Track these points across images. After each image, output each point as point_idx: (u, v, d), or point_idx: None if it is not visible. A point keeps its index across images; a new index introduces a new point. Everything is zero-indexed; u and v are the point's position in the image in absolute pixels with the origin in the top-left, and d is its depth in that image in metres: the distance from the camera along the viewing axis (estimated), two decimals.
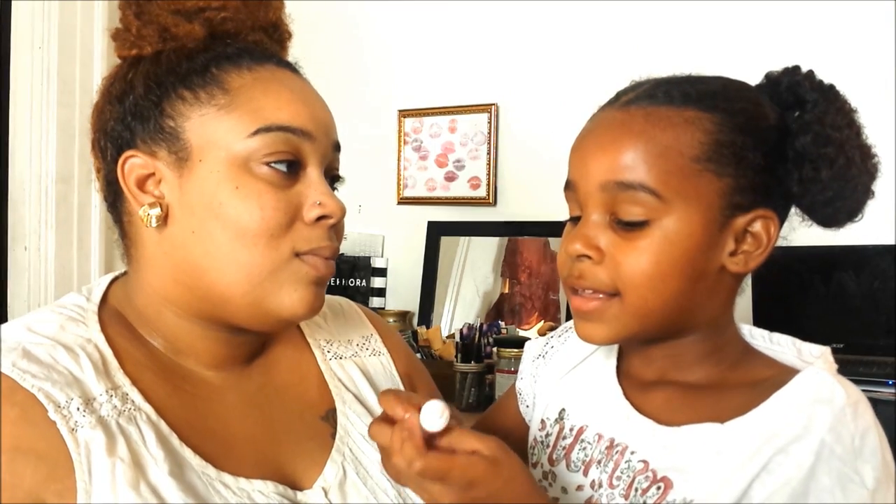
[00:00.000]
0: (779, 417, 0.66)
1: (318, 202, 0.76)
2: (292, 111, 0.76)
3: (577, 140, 0.74)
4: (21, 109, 2.17)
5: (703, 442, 0.69)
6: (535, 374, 0.89)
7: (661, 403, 0.75)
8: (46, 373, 0.68)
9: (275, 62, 0.79)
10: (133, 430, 0.69)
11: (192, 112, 0.75)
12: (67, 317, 0.76)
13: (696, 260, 0.70)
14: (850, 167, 0.71)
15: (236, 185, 0.73)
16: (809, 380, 0.68)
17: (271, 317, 0.76)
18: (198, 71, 0.76)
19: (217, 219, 0.73)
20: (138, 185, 0.76)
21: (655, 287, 0.70)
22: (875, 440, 0.64)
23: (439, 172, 2.53)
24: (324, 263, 0.77)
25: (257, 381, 0.82)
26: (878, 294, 1.80)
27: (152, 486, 0.66)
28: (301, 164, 0.76)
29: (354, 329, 0.94)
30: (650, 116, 0.70)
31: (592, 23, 2.27)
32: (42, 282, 2.16)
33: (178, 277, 0.76)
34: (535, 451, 0.83)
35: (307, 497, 0.76)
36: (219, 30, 0.78)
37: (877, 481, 0.62)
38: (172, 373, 0.77)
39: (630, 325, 0.72)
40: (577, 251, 0.71)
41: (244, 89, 0.75)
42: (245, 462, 0.74)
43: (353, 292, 2.49)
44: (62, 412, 0.66)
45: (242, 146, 0.74)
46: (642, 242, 0.69)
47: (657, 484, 0.70)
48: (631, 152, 0.69)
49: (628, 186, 0.69)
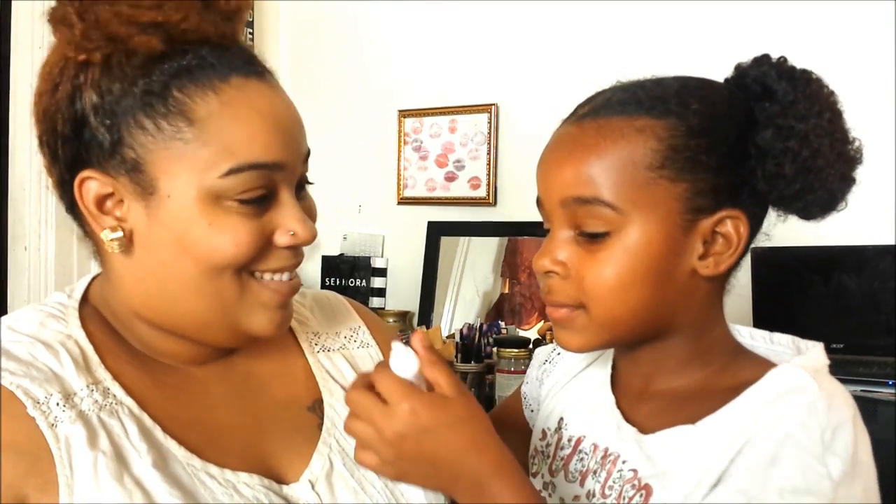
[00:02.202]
0: (748, 413, 0.66)
1: (291, 231, 0.75)
2: (264, 144, 0.72)
3: (540, 158, 0.75)
4: (21, 109, 2.17)
5: (678, 445, 0.69)
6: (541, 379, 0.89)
7: (649, 412, 0.75)
8: (25, 370, 0.69)
9: (241, 73, 0.73)
10: (115, 424, 0.69)
11: (156, 146, 0.70)
12: (48, 314, 0.76)
13: (660, 267, 0.70)
14: (817, 158, 0.69)
15: (209, 222, 0.71)
16: (781, 374, 0.68)
17: (247, 336, 0.77)
18: (157, 92, 0.70)
19: (188, 254, 0.72)
20: (97, 204, 0.73)
21: (618, 297, 0.70)
22: (848, 436, 0.63)
23: (439, 172, 2.53)
24: (287, 286, 0.77)
25: (241, 372, 0.82)
26: (878, 294, 1.79)
27: (136, 478, 0.67)
28: (274, 191, 0.75)
29: (342, 322, 0.94)
30: (602, 129, 0.71)
31: (592, 23, 2.27)
32: (42, 282, 2.16)
33: (150, 302, 0.75)
34: (536, 460, 0.83)
35: (293, 490, 0.76)
36: (178, 39, 0.72)
37: (843, 474, 0.62)
38: (153, 367, 0.77)
39: (601, 334, 0.73)
40: (544, 268, 0.73)
41: (212, 120, 0.71)
42: (230, 453, 0.74)
43: (353, 292, 2.49)
44: (41, 408, 0.67)
45: (214, 184, 0.71)
46: (603, 254, 0.70)
47: (640, 491, 0.70)
48: (584, 167, 0.70)
49: (585, 201, 0.70)
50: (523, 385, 0.92)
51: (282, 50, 2.80)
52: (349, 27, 2.67)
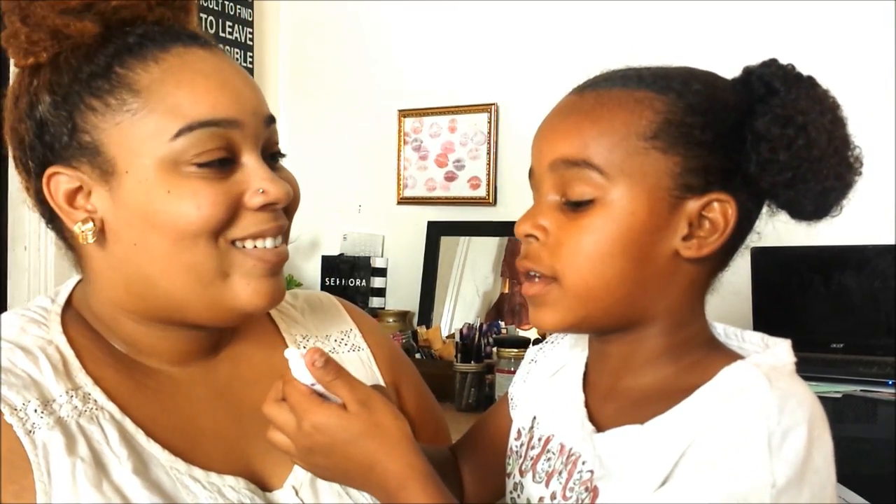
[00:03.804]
0: (695, 413, 0.64)
1: (260, 189, 0.72)
2: (211, 101, 0.71)
3: (538, 127, 0.75)
4: None
5: (625, 445, 0.67)
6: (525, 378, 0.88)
7: (612, 411, 0.72)
8: (3, 376, 0.68)
9: (181, 42, 0.74)
10: (95, 430, 0.69)
11: (106, 123, 0.71)
12: (29, 319, 0.75)
13: (641, 240, 0.68)
14: (812, 149, 0.68)
15: (168, 189, 0.70)
16: (732, 373, 0.65)
17: (234, 312, 0.74)
18: (101, 73, 0.71)
19: (155, 227, 0.71)
20: (67, 200, 0.73)
21: (595, 267, 0.68)
22: (800, 441, 0.60)
23: (439, 172, 2.53)
24: (272, 253, 0.74)
25: (225, 375, 0.81)
26: (878, 294, 1.79)
27: (115, 485, 0.66)
28: (235, 153, 0.73)
29: (333, 324, 0.92)
30: (601, 97, 0.71)
31: (592, 23, 2.27)
32: (42, 282, 2.17)
33: (131, 289, 0.75)
34: (510, 460, 0.81)
35: (277, 497, 0.75)
36: (113, 20, 0.73)
37: (788, 481, 0.59)
38: (136, 370, 0.76)
39: (575, 309, 0.70)
40: (524, 231, 0.71)
41: (155, 86, 0.71)
42: (214, 456, 0.74)
43: (353, 292, 2.49)
44: (18, 415, 0.66)
45: (167, 150, 0.70)
46: (584, 221, 0.68)
47: (589, 493, 0.68)
48: (577, 130, 0.70)
49: (573, 163, 0.69)
50: (511, 386, 0.92)
51: (282, 50, 2.80)
52: (349, 27, 2.68)
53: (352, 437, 0.68)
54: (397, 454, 0.68)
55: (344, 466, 0.69)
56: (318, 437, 0.68)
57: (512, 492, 0.79)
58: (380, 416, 0.69)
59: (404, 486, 0.67)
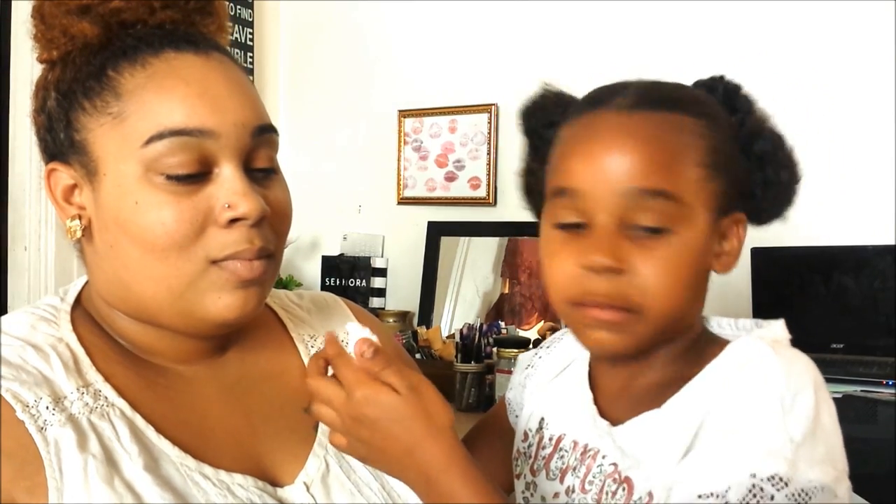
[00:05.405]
0: (708, 386, 0.67)
1: (226, 204, 0.71)
2: (187, 110, 0.70)
3: (579, 145, 0.71)
4: (21, 110, 2.17)
5: (646, 431, 0.70)
6: (524, 383, 0.89)
7: (625, 407, 0.74)
8: (15, 373, 0.69)
9: (174, 47, 0.72)
10: (106, 427, 0.69)
11: (93, 124, 0.72)
12: (39, 317, 0.76)
13: (703, 264, 0.71)
14: (797, 168, 0.74)
15: (135, 200, 0.70)
16: (739, 347, 0.68)
17: (206, 323, 0.74)
18: (95, 75, 0.72)
19: (125, 234, 0.71)
20: (64, 196, 0.75)
21: (679, 297, 0.69)
22: (809, 400, 0.63)
23: (439, 172, 2.53)
24: (247, 266, 0.72)
25: (234, 373, 0.81)
26: (878, 294, 1.79)
27: (127, 481, 0.66)
28: (209, 165, 0.71)
29: (339, 324, 0.91)
30: (656, 122, 0.70)
31: (592, 23, 2.27)
32: (42, 282, 2.16)
33: (110, 289, 0.76)
34: (519, 462, 0.83)
35: (288, 492, 0.75)
36: (113, 22, 0.73)
37: (804, 436, 0.62)
38: (144, 368, 0.77)
39: (650, 336, 0.71)
40: (602, 264, 0.68)
41: (137, 91, 0.71)
42: (224, 454, 0.74)
43: (353, 292, 2.49)
44: (30, 411, 0.67)
45: (139, 156, 0.70)
46: (662, 252, 0.68)
47: (622, 485, 0.70)
48: (649, 157, 0.68)
49: (651, 193, 0.68)
50: (507, 391, 0.93)
51: (282, 50, 2.80)
52: (349, 27, 2.67)
53: (400, 417, 0.68)
54: (442, 439, 0.68)
55: (384, 444, 0.68)
56: (367, 409, 0.68)
57: (524, 491, 0.81)
58: (428, 401, 0.69)
59: (446, 471, 0.67)
